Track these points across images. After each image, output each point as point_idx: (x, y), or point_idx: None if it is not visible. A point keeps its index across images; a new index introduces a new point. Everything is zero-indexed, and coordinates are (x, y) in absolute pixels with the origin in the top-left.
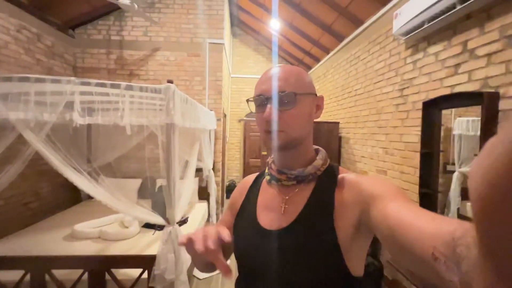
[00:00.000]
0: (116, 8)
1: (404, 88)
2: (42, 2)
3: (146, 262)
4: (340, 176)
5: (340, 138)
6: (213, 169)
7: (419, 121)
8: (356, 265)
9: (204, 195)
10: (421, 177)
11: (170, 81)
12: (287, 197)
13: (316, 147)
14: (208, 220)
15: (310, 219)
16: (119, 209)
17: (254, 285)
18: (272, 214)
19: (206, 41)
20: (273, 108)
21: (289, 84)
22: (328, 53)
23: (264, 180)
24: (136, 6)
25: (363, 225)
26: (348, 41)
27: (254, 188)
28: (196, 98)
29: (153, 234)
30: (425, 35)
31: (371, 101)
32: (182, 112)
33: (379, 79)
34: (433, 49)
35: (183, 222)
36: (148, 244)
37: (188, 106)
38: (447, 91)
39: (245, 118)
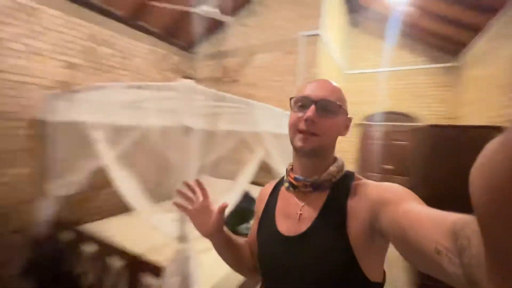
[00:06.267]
0: (223, 23)
1: None
2: (169, 29)
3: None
4: (353, 183)
5: None
6: None
7: None
8: (373, 271)
9: None
10: None
11: (187, 77)
12: (302, 204)
13: (336, 155)
14: None
15: (323, 226)
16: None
17: (274, 287)
18: (289, 220)
19: (301, 35)
20: (316, 111)
21: (335, 96)
22: (494, 14)
23: (283, 187)
24: (231, 18)
25: (376, 230)
26: None
27: (274, 195)
28: (286, 100)
29: None
30: None
31: None
32: (215, 113)
33: None
34: None
35: None
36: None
37: (228, 105)
38: None
39: (364, 123)
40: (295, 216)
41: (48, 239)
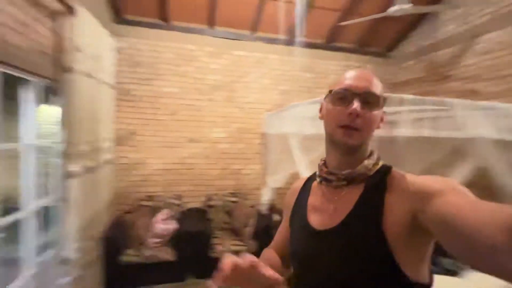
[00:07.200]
0: (423, 15)
1: None
2: (361, 40)
3: None
4: (390, 177)
5: None
6: None
7: None
8: (414, 269)
9: None
10: None
11: None
12: (336, 198)
13: (371, 150)
14: None
15: (358, 220)
16: None
17: (305, 282)
18: (322, 214)
19: None
20: (361, 105)
21: (377, 88)
22: None
23: (315, 182)
24: (437, 6)
25: (418, 225)
26: None
27: (304, 191)
28: None
29: None
30: None
31: None
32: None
33: None
34: None
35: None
36: None
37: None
38: None
39: None
40: (327, 210)
41: (267, 215)
